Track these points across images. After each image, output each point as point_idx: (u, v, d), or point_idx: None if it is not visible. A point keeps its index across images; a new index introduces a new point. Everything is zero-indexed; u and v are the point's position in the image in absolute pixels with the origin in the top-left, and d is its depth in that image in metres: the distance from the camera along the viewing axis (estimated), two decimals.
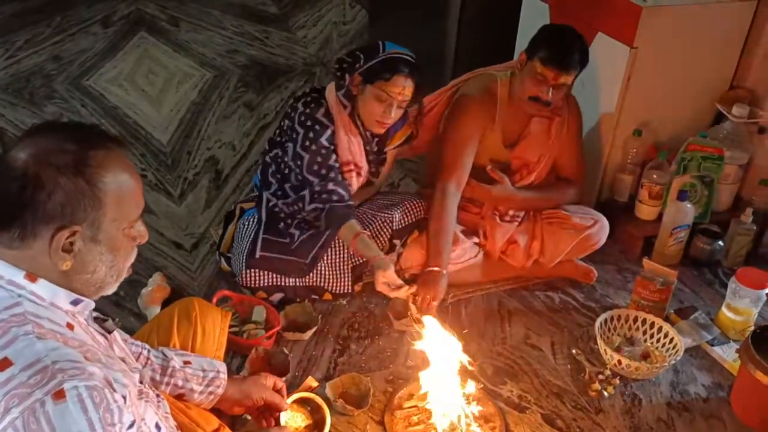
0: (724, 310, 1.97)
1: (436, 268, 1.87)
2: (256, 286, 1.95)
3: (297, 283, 1.97)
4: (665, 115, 2.33)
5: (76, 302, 0.95)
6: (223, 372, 1.35)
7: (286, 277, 1.96)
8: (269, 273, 1.95)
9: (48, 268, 0.91)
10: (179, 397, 1.31)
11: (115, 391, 0.87)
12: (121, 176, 0.94)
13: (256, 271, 1.94)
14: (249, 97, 3.29)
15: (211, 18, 4.14)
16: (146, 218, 1.45)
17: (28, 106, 3.12)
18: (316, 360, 1.82)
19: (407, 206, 2.05)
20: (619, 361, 1.78)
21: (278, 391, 1.43)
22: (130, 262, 1.02)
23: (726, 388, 1.80)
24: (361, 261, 2.00)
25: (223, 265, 2.08)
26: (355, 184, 2.00)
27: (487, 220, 2.12)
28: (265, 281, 1.95)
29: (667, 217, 2.17)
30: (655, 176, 2.23)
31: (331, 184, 1.88)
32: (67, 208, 0.89)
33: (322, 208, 1.87)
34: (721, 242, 2.26)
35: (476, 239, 2.12)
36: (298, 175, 1.92)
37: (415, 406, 1.66)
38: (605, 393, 1.75)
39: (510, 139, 2.09)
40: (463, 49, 2.98)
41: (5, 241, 0.90)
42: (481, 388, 1.72)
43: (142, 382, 1.06)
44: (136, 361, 1.17)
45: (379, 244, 2.00)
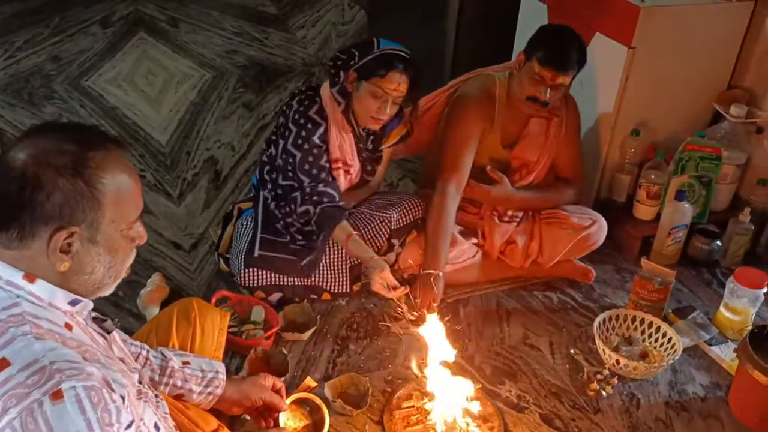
0: (722, 309, 1.97)
1: (433, 271, 1.87)
2: (255, 285, 1.95)
3: (296, 283, 1.98)
4: (663, 115, 2.33)
5: (74, 302, 0.95)
6: (221, 372, 1.35)
7: (285, 276, 1.96)
8: (268, 272, 1.95)
9: (46, 269, 0.91)
10: (178, 398, 1.31)
11: (113, 391, 0.87)
12: (119, 177, 0.94)
13: (255, 270, 1.94)
14: (248, 97, 3.29)
15: (210, 18, 4.14)
16: (145, 219, 1.46)
17: (27, 107, 3.12)
18: (315, 360, 1.83)
19: (405, 206, 2.05)
20: (618, 361, 1.78)
21: (277, 392, 1.43)
22: (129, 263, 1.02)
23: (724, 388, 1.80)
24: (359, 261, 2.00)
25: (222, 265, 2.08)
26: (343, 182, 2.00)
27: (486, 221, 2.13)
28: (264, 281, 1.95)
29: (665, 217, 2.17)
30: (653, 176, 2.23)
31: (322, 186, 1.89)
32: (66, 209, 0.89)
33: (314, 211, 1.88)
34: (719, 242, 2.26)
35: (475, 240, 2.13)
36: (288, 172, 1.92)
37: (414, 406, 1.67)
38: (603, 393, 1.76)
39: (509, 140, 2.09)
40: (462, 49, 2.98)
41: (4, 242, 0.91)
42: (480, 388, 1.72)
43: (141, 383, 1.06)
44: (135, 362, 1.17)
45: (378, 244, 2.01)
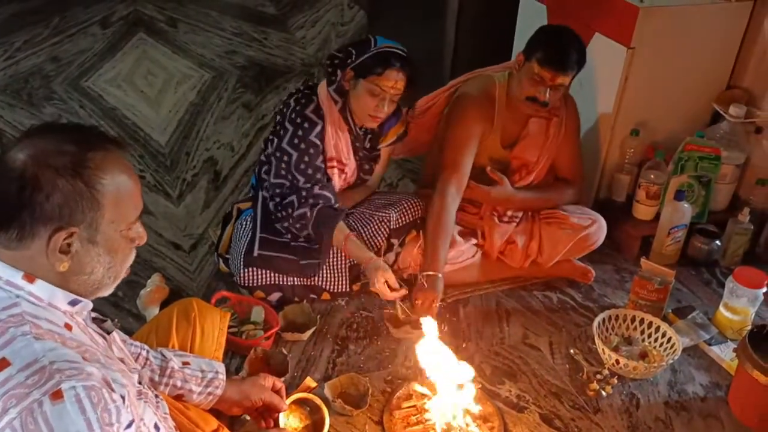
0: (721, 309, 1.97)
1: (433, 272, 1.87)
2: (254, 285, 1.95)
3: (295, 282, 1.98)
4: (662, 115, 2.33)
5: (74, 303, 0.96)
6: (221, 373, 1.35)
7: (285, 276, 1.96)
8: (267, 272, 1.95)
9: (46, 269, 0.92)
10: (178, 398, 1.31)
11: (113, 391, 0.87)
12: (119, 178, 0.94)
13: (254, 269, 1.94)
14: (247, 97, 3.29)
15: (209, 19, 4.14)
16: (145, 219, 1.45)
17: (27, 107, 3.12)
18: (315, 360, 1.83)
19: (405, 205, 2.05)
20: (617, 361, 1.78)
21: (277, 392, 1.43)
22: (129, 264, 1.02)
23: (724, 388, 1.80)
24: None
25: (222, 266, 2.08)
26: (337, 181, 2.00)
27: (486, 221, 2.13)
28: (263, 280, 1.95)
29: (664, 216, 2.17)
30: (652, 176, 2.23)
31: (317, 188, 1.89)
32: (65, 210, 0.89)
33: (310, 213, 1.88)
34: (718, 242, 2.26)
35: (474, 240, 2.13)
36: (281, 170, 1.92)
37: (414, 406, 1.67)
38: (603, 392, 1.76)
39: (508, 140, 2.09)
40: (461, 49, 2.98)
41: (3, 242, 0.91)
42: (480, 387, 1.72)
43: (140, 383, 1.06)
44: (135, 362, 1.17)
45: (377, 244, 2.01)
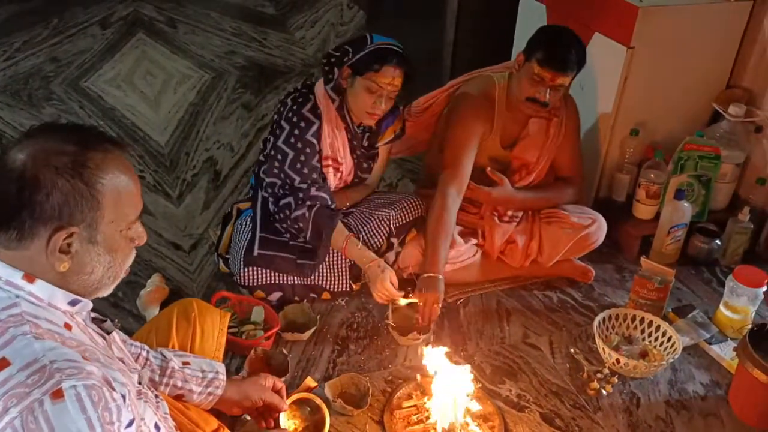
0: (721, 308, 1.97)
1: (433, 274, 1.87)
2: (255, 284, 1.95)
3: (295, 282, 1.97)
4: (662, 115, 2.33)
5: (74, 303, 0.95)
6: (222, 373, 1.35)
7: (285, 275, 1.96)
8: (267, 271, 1.95)
9: (46, 269, 0.91)
10: (178, 398, 1.31)
11: (113, 390, 0.87)
12: (119, 178, 0.94)
13: (255, 269, 1.94)
14: (247, 98, 3.29)
15: (209, 19, 4.15)
16: (144, 219, 1.45)
17: (27, 108, 3.12)
18: (315, 360, 1.83)
19: (404, 204, 2.05)
20: (618, 360, 1.78)
21: (277, 392, 1.43)
22: (129, 264, 1.02)
23: (724, 387, 1.80)
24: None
25: (222, 266, 2.08)
26: (332, 180, 2.00)
27: (486, 221, 2.13)
28: (264, 280, 1.95)
29: (664, 216, 2.17)
30: (652, 175, 2.23)
31: (314, 189, 1.89)
32: (65, 209, 0.89)
33: (309, 214, 1.88)
34: (718, 241, 2.26)
35: (475, 240, 2.12)
36: (274, 169, 1.92)
37: (415, 405, 1.67)
38: (604, 392, 1.76)
39: (508, 140, 2.09)
40: (461, 49, 2.99)
41: (3, 242, 0.91)
42: (480, 387, 1.72)
43: (140, 383, 1.06)
44: (135, 362, 1.17)
45: (377, 243, 2.01)
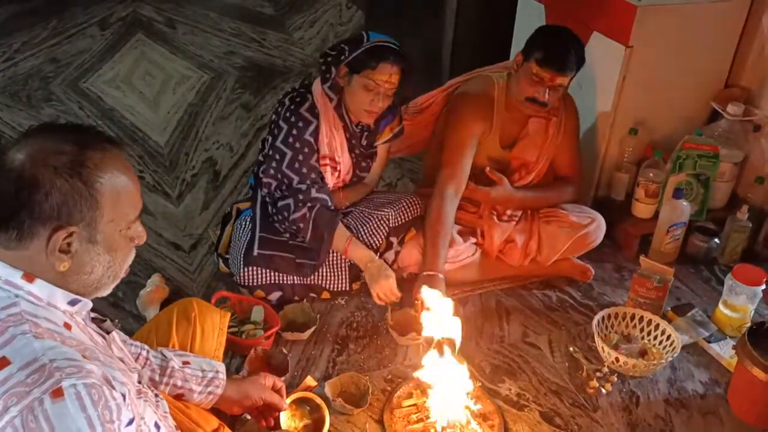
0: (720, 307, 1.97)
1: (433, 272, 1.87)
2: (254, 284, 1.95)
3: (295, 282, 1.98)
4: (661, 114, 2.33)
5: (73, 302, 0.96)
6: (222, 372, 1.36)
7: (285, 275, 1.96)
8: (267, 271, 1.95)
9: (45, 269, 0.92)
10: (178, 397, 1.31)
11: (113, 388, 0.87)
12: (118, 177, 0.94)
13: (254, 269, 1.94)
14: (246, 98, 3.29)
15: (208, 20, 4.15)
16: (144, 219, 1.45)
17: (26, 109, 3.12)
18: (315, 360, 1.83)
19: (403, 204, 2.05)
20: (617, 359, 1.78)
21: (277, 391, 1.44)
22: (128, 263, 1.02)
23: (723, 385, 1.80)
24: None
25: (222, 266, 2.08)
26: (330, 179, 2.00)
27: (485, 220, 2.13)
28: (263, 279, 1.95)
29: (663, 215, 2.18)
30: (651, 174, 2.23)
31: (314, 191, 1.89)
32: (64, 209, 0.89)
33: (309, 214, 1.88)
34: (717, 240, 2.27)
35: (474, 239, 2.13)
36: (271, 169, 1.92)
37: (414, 404, 1.67)
38: (603, 390, 1.76)
39: (508, 140, 2.09)
40: (460, 49, 2.99)
41: (3, 242, 0.91)
42: (480, 386, 1.73)
43: (140, 382, 1.06)
44: (135, 362, 1.17)
45: (376, 242, 2.01)
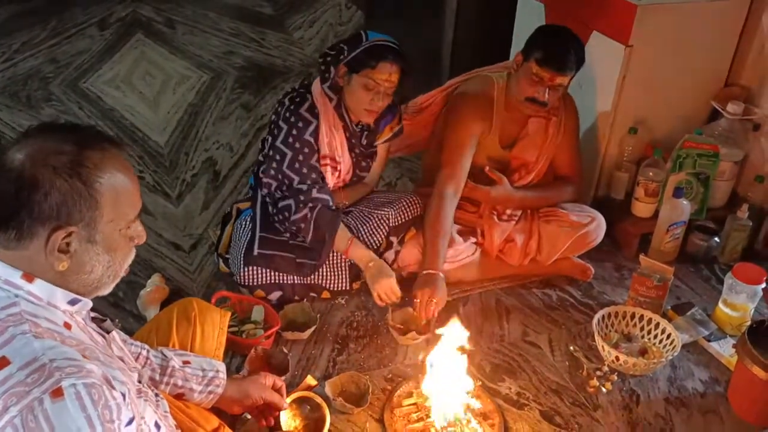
0: (720, 305, 1.97)
1: (433, 271, 1.87)
2: (255, 284, 1.95)
3: (295, 281, 1.98)
4: (661, 113, 2.33)
5: (73, 302, 0.96)
6: (222, 371, 1.36)
7: (285, 274, 1.96)
8: (267, 271, 1.95)
9: (45, 268, 0.92)
10: (179, 397, 1.31)
11: (113, 388, 0.87)
12: (117, 177, 0.94)
13: (254, 268, 1.94)
14: (246, 98, 3.29)
15: (207, 20, 4.15)
16: (144, 219, 1.45)
17: (25, 109, 3.12)
18: (315, 359, 1.83)
19: (403, 203, 2.06)
20: (617, 358, 1.78)
21: (278, 391, 1.44)
22: (128, 263, 1.02)
23: (723, 384, 1.80)
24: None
25: (222, 266, 2.08)
26: (330, 179, 2.00)
27: (485, 219, 2.13)
28: (263, 279, 1.95)
29: (663, 214, 2.18)
30: (651, 173, 2.23)
31: (315, 191, 1.89)
32: (63, 209, 0.89)
33: (311, 215, 1.88)
34: (717, 238, 2.27)
35: (474, 238, 2.13)
36: (271, 170, 1.92)
37: (415, 404, 1.67)
38: (603, 389, 1.76)
39: (507, 140, 2.09)
40: (459, 49, 2.99)
41: (2, 242, 0.91)
42: (480, 385, 1.73)
43: (140, 382, 1.06)
44: (135, 361, 1.17)
45: (376, 242, 2.01)
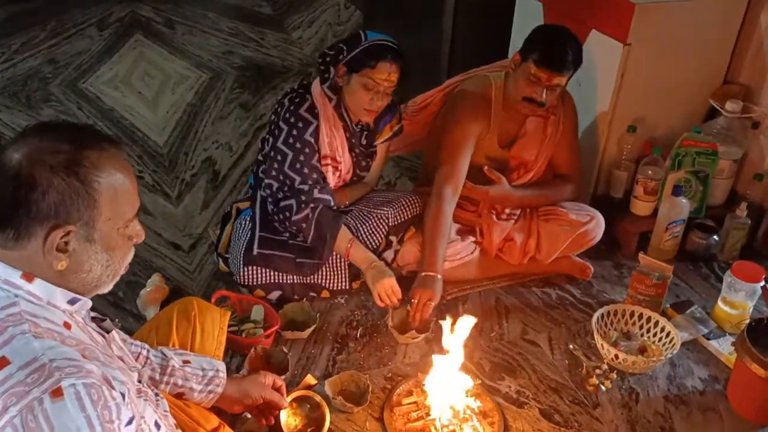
0: (719, 303, 1.97)
1: (431, 273, 1.87)
2: (254, 284, 1.95)
3: (295, 281, 1.98)
4: (659, 111, 2.33)
5: (73, 301, 0.96)
6: (222, 371, 1.36)
7: (284, 274, 1.97)
8: (267, 270, 1.95)
9: (44, 268, 0.92)
10: (179, 396, 1.31)
11: (113, 388, 0.87)
12: (115, 176, 0.94)
13: (254, 268, 1.94)
14: (245, 98, 3.29)
15: (206, 20, 4.15)
16: (144, 219, 1.46)
17: (25, 110, 3.12)
18: (315, 358, 1.83)
19: (403, 202, 2.06)
20: (616, 356, 1.78)
21: (277, 390, 1.44)
22: (127, 262, 1.02)
23: (722, 381, 1.81)
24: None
25: (221, 265, 2.08)
26: (332, 179, 2.00)
27: (484, 219, 2.13)
28: (263, 279, 1.95)
29: (662, 212, 2.18)
30: (650, 172, 2.24)
31: (316, 191, 1.89)
32: (61, 208, 0.89)
33: (312, 215, 1.88)
34: (716, 237, 2.27)
35: (473, 237, 2.13)
36: (272, 171, 1.92)
37: (414, 402, 1.67)
38: (603, 387, 1.76)
39: (506, 140, 2.09)
40: (458, 48, 2.98)
41: (0, 242, 0.91)
42: (480, 383, 1.73)
43: (140, 381, 1.07)
44: (135, 361, 1.17)
45: (376, 241, 2.01)
